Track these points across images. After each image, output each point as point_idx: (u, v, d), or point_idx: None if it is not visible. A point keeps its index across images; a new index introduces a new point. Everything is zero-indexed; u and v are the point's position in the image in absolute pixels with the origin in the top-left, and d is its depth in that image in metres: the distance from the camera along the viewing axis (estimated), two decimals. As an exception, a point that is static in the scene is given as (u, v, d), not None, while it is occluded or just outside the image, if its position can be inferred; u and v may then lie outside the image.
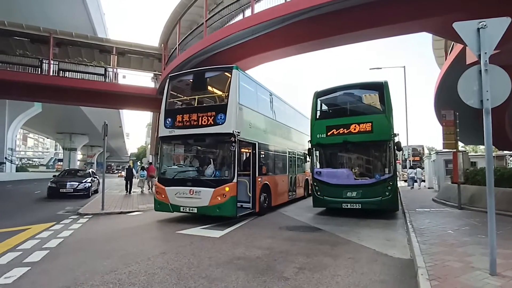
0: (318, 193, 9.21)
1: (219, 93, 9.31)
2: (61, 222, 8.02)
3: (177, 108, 9.14)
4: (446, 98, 18.27)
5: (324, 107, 10.51)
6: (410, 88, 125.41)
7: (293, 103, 13.94)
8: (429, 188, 19.89)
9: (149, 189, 17.63)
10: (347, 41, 13.21)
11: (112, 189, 19.39)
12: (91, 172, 18.08)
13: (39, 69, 19.56)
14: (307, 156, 10.68)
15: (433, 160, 18.72)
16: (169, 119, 8.59)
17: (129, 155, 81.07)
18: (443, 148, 10.55)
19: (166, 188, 8.16)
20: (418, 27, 11.09)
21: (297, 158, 13.27)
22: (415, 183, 21.30)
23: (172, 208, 8.04)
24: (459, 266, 3.98)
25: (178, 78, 9.63)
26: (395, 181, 8.67)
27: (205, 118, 8.03)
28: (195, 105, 8.67)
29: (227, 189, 7.46)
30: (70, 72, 20.24)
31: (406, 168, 23.03)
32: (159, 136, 8.84)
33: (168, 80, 9.31)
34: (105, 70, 20.90)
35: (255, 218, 8.70)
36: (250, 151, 8.87)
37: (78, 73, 20.35)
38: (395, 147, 8.64)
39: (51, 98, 22.10)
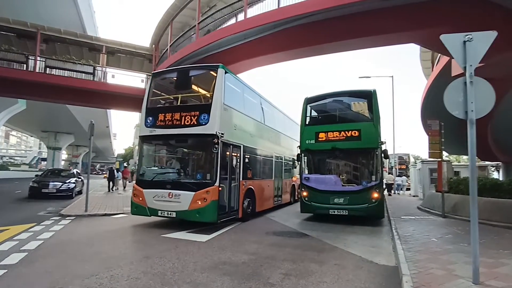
0: (306, 198, 9.23)
1: (204, 92, 8.97)
2: (41, 223, 7.76)
3: (159, 106, 8.76)
4: (432, 108, 18.69)
5: (314, 113, 10.60)
6: (398, 97, 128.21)
7: (281, 108, 13.98)
8: (414, 196, 20.23)
9: (124, 189, 19.63)
10: (337, 49, 13.42)
11: (97, 190, 18.97)
12: (75, 172, 17.67)
13: (25, 65, 19.07)
14: (295, 161, 10.70)
15: (419, 169, 19.07)
16: (150, 118, 8.20)
17: (115, 156, 79.71)
18: (429, 157, 10.75)
19: (144, 190, 7.76)
20: (407, 38, 11.36)
21: (284, 163, 13.05)
22: (396, 190, 23.35)
23: (149, 212, 7.62)
24: (442, 274, 4.03)
25: (161, 75, 9.35)
26: (382, 189, 8.77)
27: (187, 118, 7.68)
28: (178, 104, 8.33)
29: (208, 193, 7.11)
30: (57, 70, 19.78)
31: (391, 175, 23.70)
32: (139, 135, 8.47)
33: (151, 77, 9.05)
34: (94, 69, 20.50)
35: (242, 223, 8.64)
36: (235, 154, 8.48)
37: (66, 71, 19.91)
38: (382, 155, 8.76)
39: (36, 95, 21.54)
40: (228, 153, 8.05)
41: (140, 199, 7.76)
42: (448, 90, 3.98)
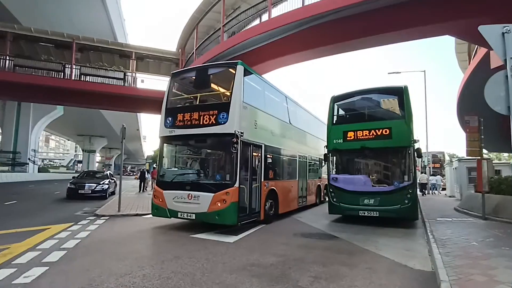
0: (334, 199, 9.03)
1: (223, 90, 8.56)
2: (79, 223, 8.18)
3: (178, 106, 8.59)
4: (470, 104, 17.65)
5: (341, 112, 10.34)
6: (431, 93, 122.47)
7: (307, 107, 13.75)
8: (450, 196, 19.19)
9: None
10: (367, 45, 13.03)
11: (129, 191, 19.74)
12: (108, 174, 18.47)
13: (62, 73, 20.27)
14: (323, 161, 10.44)
15: (455, 168, 18.07)
16: (170, 118, 8.08)
17: (145, 157, 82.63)
18: (467, 155, 10.11)
19: (164, 191, 7.65)
20: (441, 30, 10.82)
21: (309, 163, 12.65)
22: (431, 190, 22.48)
23: (169, 214, 7.52)
24: (483, 280, 3.77)
25: (180, 75, 9.20)
26: (415, 189, 8.39)
27: (206, 117, 7.48)
28: (197, 103, 8.19)
29: (227, 194, 6.86)
30: (91, 77, 20.89)
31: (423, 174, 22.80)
32: (159, 136, 8.35)
33: (170, 77, 8.88)
34: (124, 75, 21.43)
35: (269, 224, 8.60)
36: (256, 154, 8.18)
37: (99, 77, 20.97)
38: (415, 154, 8.37)
39: (72, 101, 22.87)
40: (248, 153, 7.78)
41: (160, 200, 7.69)
42: (489, 84, 3.71)
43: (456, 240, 6.18)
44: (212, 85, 8.72)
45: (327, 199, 13.45)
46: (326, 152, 9.68)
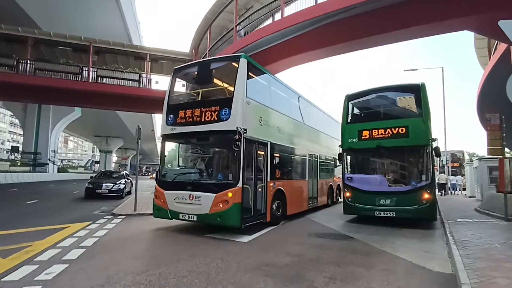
0: (349, 199, 8.90)
1: (226, 85, 8.16)
2: (96, 222, 8.38)
3: (179, 103, 8.21)
4: (491, 101, 17.08)
5: (356, 111, 10.19)
6: (449, 90, 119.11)
7: (319, 105, 13.56)
8: (470, 196, 18.61)
9: None
10: (382, 42, 12.80)
11: (144, 190, 20.07)
12: (125, 174, 18.83)
13: (80, 76, 20.82)
14: (337, 160, 10.29)
15: (476, 167, 17.50)
16: (171, 116, 7.73)
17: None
18: (488, 154, 9.78)
19: (165, 192, 7.35)
20: (460, 25, 10.50)
21: (320, 162, 12.19)
22: (452, 190, 22.21)
23: (170, 215, 7.21)
24: (506, 283, 3.63)
25: (183, 70, 8.61)
26: (433, 189, 8.17)
27: (208, 114, 7.10)
28: (199, 99, 7.83)
29: (230, 194, 6.49)
30: (107, 79, 21.36)
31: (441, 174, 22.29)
32: (160, 134, 8.08)
33: (172, 73, 8.44)
34: (139, 76, 21.79)
35: (284, 223, 8.57)
36: (261, 152, 7.74)
37: (115, 79, 21.42)
38: (433, 153, 8.16)
39: (90, 103, 23.47)
40: (253, 151, 7.35)
41: (162, 201, 7.37)
42: (511, 81, 3.58)
43: (477, 241, 5.98)
44: (215, 80, 8.27)
45: (340, 200, 13.21)
46: (340, 152, 9.55)
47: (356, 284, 3.93)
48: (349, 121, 9.65)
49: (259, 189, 7.54)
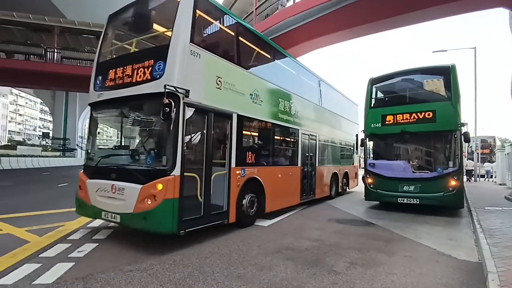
0: (371, 186, 8.76)
1: (164, 30, 5.56)
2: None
3: (109, 59, 6.10)
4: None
5: (380, 95, 9.85)
6: (480, 72, 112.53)
7: (344, 90, 13.05)
8: (500, 184, 17.80)
9: None
10: (410, 21, 12.20)
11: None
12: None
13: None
14: (356, 146, 10.05)
15: (507, 153, 16.64)
16: (100, 78, 5.79)
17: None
18: (521, 140, 9.24)
19: (87, 180, 5.36)
20: (494, 2, 9.77)
21: (320, 144, 10.01)
22: (484, 178, 22.27)
23: (93, 212, 5.20)
24: (538, 274, 3.47)
25: (118, 16, 6.28)
26: (461, 176, 7.87)
27: (140, 72, 5.04)
28: (131, 52, 5.73)
29: (159, 186, 4.41)
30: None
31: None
32: (88, 103, 6.07)
33: (106, 21, 6.31)
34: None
35: (304, 208, 8.59)
36: (218, 125, 5.65)
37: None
38: (462, 138, 7.80)
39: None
40: (206, 124, 5.26)
41: (84, 193, 5.39)
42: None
43: (506, 230, 5.73)
44: (155, 26, 5.87)
45: (348, 189, 12.81)
46: (363, 137, 9.34)
47: (377, 269, 3.91)
48: (372, 105, 9.36)
49: (217, 179, 5.43)
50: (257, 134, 6.98)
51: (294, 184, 8.39)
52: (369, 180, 8.84)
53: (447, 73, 8.30)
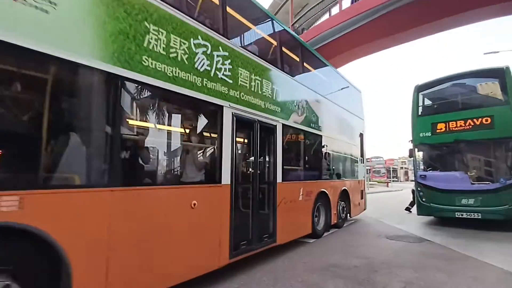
0: (423, 199, 8.17)
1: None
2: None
3: None
4: None
5: (428, 102, 9.31)
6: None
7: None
8: None
9: None
10: (455, 24, 11.57)
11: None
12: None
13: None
14: (361, 152, 9.15)
15: None
16: None
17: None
18: None
19: None
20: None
21: (288, 142, 5.86)
22: None
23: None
24: None
25: None
26: (530, 187, 7.05)
27: None
28: None
29: None
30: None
31: None
32: None
33: None
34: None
35: (351, 223, 8.24)
36: None
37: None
38: None
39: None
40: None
41: None
42: None
43: None
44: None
45: (350, 216, 8.32)
46: (411, 148, 8.83)
47: (437, 291, 3.59)
48: (420, 113, 8.86)
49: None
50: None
51: (209, 231, 3.80)
52: (421, 193, 8.26)
53: (501, 75, 7.66)
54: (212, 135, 4.44)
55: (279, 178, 5.20)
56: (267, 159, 5.18)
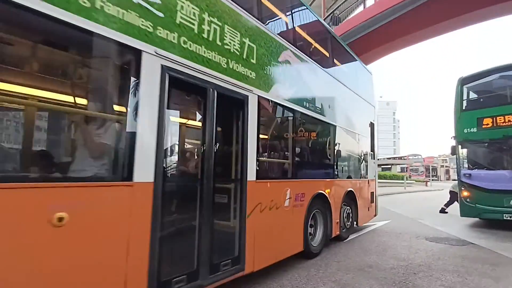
0: (468, 200, 7.66)
1: None
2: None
3: None
4: None
5: (473, 95, 8.69)
6: None
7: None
8: None
9: None
10: (500, 13, 10.63)
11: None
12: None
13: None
14: (372, 146, 7.47)
15: None
16: None
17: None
18: None
19: None
20: None
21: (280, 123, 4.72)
22: None
23: None
24: None
25: None
26: None
27: None
28: None
29: None
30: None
31: None
32: None
33: None
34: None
35: (387, 223, 7.94)
36: None
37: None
38: None
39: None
40: None
41: None
42: None
43: None
44: None
45: (357, 225, 6.62)
46: (454, 144, 8.30)
47: (483, 297, 3.36)
48: (464, 108, 8.29)
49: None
50: None
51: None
52: (465, 193, 7.75)
53: None
54: (120, 98, 2.49)
55: (251, 175, 3.50)
56: (231, 146, 3.57)
